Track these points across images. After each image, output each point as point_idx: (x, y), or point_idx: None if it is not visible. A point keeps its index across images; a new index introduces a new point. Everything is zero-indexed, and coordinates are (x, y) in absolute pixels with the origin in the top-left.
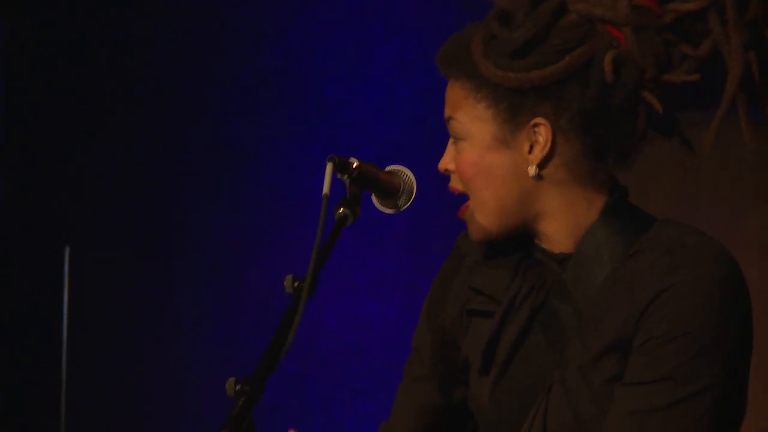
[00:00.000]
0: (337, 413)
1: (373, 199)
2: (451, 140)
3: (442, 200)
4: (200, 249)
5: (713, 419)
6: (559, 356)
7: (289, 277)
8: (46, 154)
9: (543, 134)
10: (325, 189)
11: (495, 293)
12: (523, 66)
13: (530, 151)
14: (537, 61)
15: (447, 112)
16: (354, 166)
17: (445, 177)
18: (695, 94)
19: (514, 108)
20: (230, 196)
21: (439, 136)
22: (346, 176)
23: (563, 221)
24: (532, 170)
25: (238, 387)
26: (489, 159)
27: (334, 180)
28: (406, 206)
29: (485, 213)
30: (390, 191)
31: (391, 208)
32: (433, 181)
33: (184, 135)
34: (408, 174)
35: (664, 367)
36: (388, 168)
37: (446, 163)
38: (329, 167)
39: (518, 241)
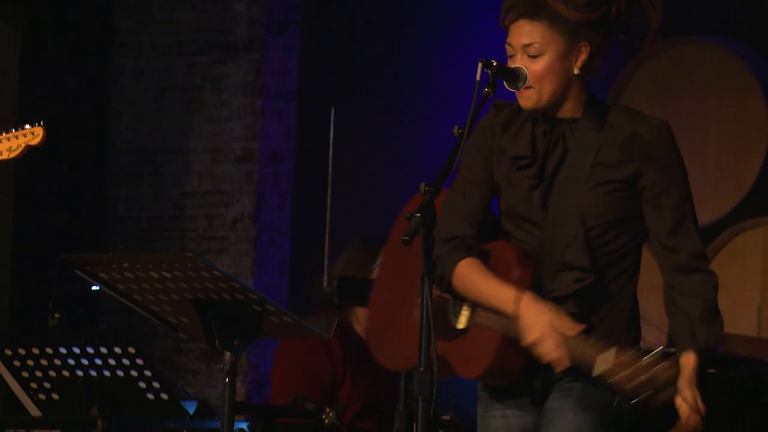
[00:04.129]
0: None
1: (504, 83)
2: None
3: None
4: None
5: None
6: (585, 172)
7: (456, 127)
8: None
9: (585, 52)
10: (478, 77)
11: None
12: (587, 10)
13: (576, 61)
14: (593, 8)
15: (524, 41)
16: (494, 64)
17: None
18: None
19: (574, 35)
20: None
21: None
22: (489, 69)
23: (578, 100)
24: (576, 71)
25: (426, 188)
26: (556, 65)
27: (483, 73)
28: (522, 87)
29: (545, 94)
30: (512, 79)
31: (513, 88)
32: None
33: None
34: (523, 69)
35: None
36: (513, 66)
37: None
38: (480, 65)
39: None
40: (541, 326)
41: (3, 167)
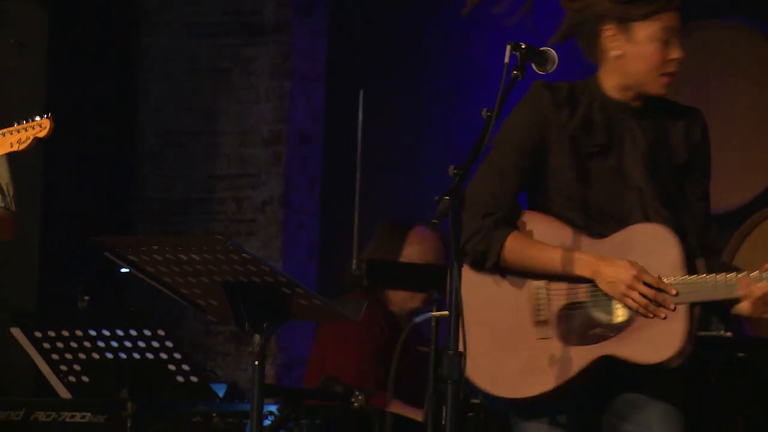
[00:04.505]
0: None
1: (533, 66)
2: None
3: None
4: None
5: None
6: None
7: (484, 110)
8: None
9: None
10: (506, 59)
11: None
12: None
13: None
14: None
15: (679, 25)
16: (523, 46)
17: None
18: None
19: None
20: None
21: None
22: (518, 52)
23: None
24: None
25: (454, 170)
26: None
27: (512, 55)
28: (551, 69)
29: None
30: (542, 61)
31: (542, 71)
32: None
33: None
34: (552, 53)
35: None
36: (542, 48)
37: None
38: (508, 48)
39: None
40: (626, 275)
41: (30, 151)
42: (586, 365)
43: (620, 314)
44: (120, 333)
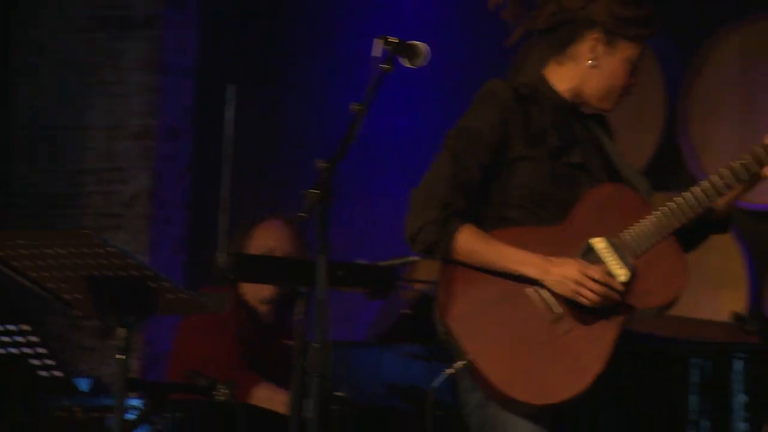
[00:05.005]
0: None
1: (403, 60)
2: None
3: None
4: None
5: None
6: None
7: (353, 104)
8: None
9: None
10: (376, 53)
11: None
12: None
13: None
14: None
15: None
16: (392, 40)
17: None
18: None
19: None
20: None
21: None
22: (388, 46)
23: None
24: None
25: (323, 164)
26: None
27: (381, 49)
28: (422, 64)
29: None
30: (411, 55)
31: (412, 65)
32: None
33: None
34: (422, 47)
35: None
36: (410, 42)
37: None
38: (378, 42)
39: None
40: (572, 272)
41: None
42: (617, 333)
43: (621, 273)
44: None
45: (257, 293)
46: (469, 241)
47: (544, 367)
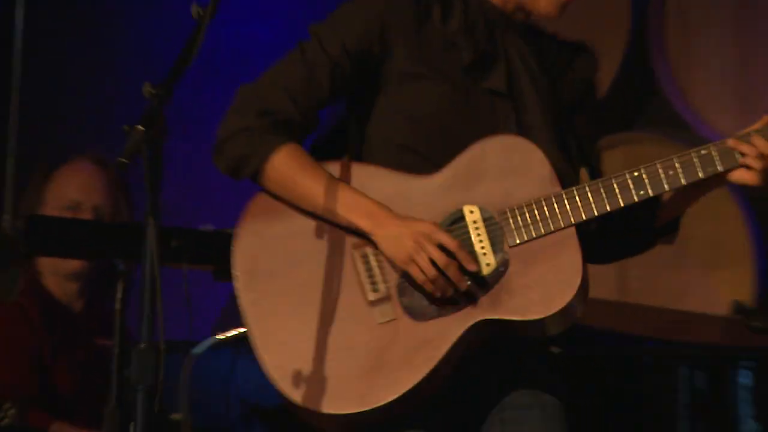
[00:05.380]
0: None
1: None
2: None
3: None
4: None
5: None
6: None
7: (194, 6)
8: None
9: None
10: None
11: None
12: None
13: None
14: None
15: None
16: None
17: None
18: None
19: None
20: None
21: None
22: None
23: None
24: None
25: (152, 90)
26: None
27: None
28: None
29: None
30: None
31: None
32: None
33: None
34: None
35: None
36: None
37: None
38: None
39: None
40: (416, 232)
41: None
42: (454, 342)
43: (485, 261)
44: None
45: (59, 266)
46: (288, 164)
47: (338, 366)
